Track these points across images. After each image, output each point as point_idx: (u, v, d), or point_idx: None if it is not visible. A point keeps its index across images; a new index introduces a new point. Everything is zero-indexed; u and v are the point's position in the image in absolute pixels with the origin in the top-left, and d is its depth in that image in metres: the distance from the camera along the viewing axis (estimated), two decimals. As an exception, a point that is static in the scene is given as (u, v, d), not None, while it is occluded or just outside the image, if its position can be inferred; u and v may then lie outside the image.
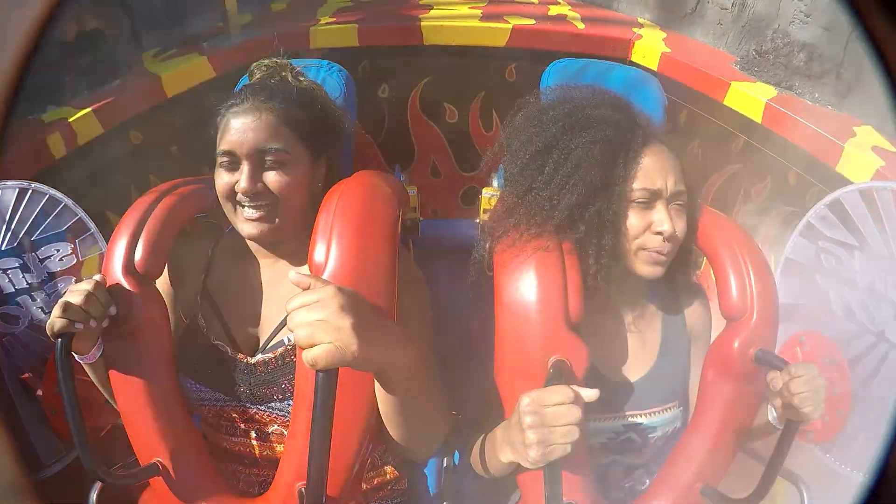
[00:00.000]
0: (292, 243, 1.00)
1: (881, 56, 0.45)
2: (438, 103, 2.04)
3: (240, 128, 0.91)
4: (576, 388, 0.75)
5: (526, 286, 0.88)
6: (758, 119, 1.54)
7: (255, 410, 0.96)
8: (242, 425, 0.98)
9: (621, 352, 1.01)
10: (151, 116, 1.59)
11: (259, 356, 0.95)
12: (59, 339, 0.82)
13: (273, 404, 0.94)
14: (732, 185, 1.70)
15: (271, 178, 0.91)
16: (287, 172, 0.92)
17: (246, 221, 0.92)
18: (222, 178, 0.92)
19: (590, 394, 0.75)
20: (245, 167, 0.90)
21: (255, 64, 1.06)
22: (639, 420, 0.98)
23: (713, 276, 1.03)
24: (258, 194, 0.90)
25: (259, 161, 0.91)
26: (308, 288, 0.69)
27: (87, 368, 0.94)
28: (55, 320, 0.81)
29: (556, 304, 0.87)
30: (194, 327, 1.00)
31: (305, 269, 0.91)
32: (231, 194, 0.92)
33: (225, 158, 0.92)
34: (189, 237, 1.09)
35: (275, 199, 0.91)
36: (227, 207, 0.94)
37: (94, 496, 0.96)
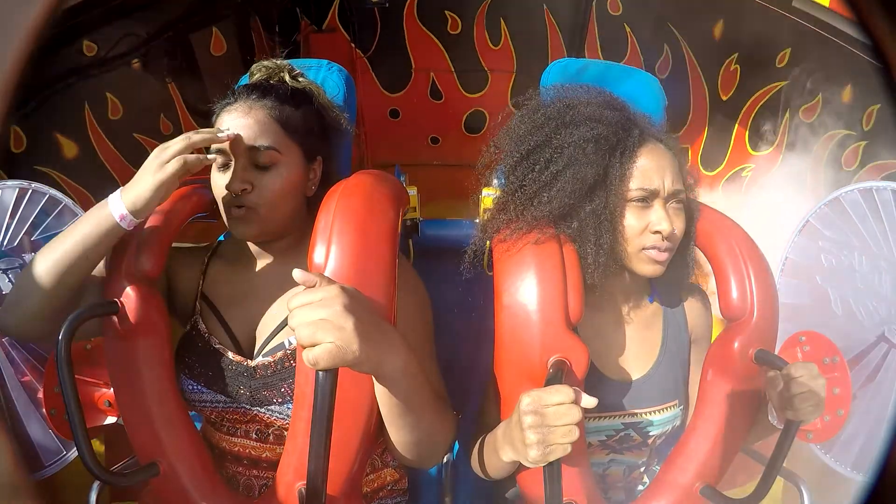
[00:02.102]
0: (289, 243, 1.00)
1: (881, 56, 0.45)
2: (439, 11, 1.88)
3: (231, 126, 0.92)
4: (575, 392, 0.75)
5: (526, 286, 0.88)
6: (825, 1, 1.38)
7: (255, 412, 0.96)
8: (243, 426, 0.98)
9: (622, 350, 1.01)
10: (107, 23, 1.45)
11: (259, 359, 0.95)
12: None
13: (273, 407, 0.94)
14: (777, 104, 1.60)
15: (261, 176, 0.92)
16: (278, 171, 0.92)
17: (235, 220, 0.92)
18: (216, 179, 0.93)
19: (588, 401, 0.75)
20: (234, 166, 0.91)
21: (254, 65, 1.06)
22: (639, 418, 0.98)
23: (713, 276, 1.03)
24: (248, 192, 0.91)
25: (249, 159, 0.91)
26: (313, 286, 0.69)
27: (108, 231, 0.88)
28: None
29: (556, 305, 0.87)
30: (195, 331, 1.00)
31: (303, 268, 0.91)
32: (224, 194, 0.92)
33: (218, 157, 0.92)
34: (187, 239, 1.09)
35: (263, 197, 0.92)
36: (221, 206, 0.94)
37: (94, 496, 0.96)
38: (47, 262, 0.85)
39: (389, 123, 2.26)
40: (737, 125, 1.77)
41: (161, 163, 0.85)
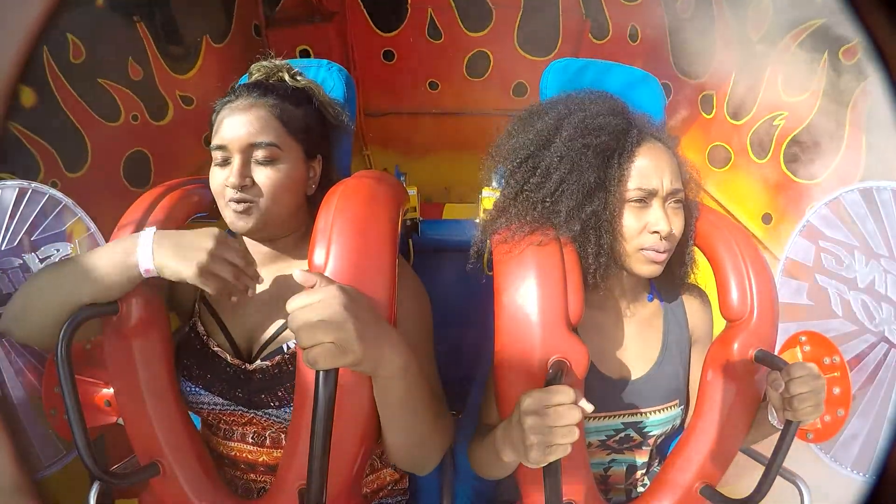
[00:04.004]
0: (289, 243, 0.99)
1: (881, 56, 0.45)
2: None
3: (232, 123, 0.92)
4: (575, 393, 0.75)
5: (526, 287, 0.88)
6: None
7: (252, 415, 0.96)
8: (239, 429, 0.98)
9: (622, 350, 1.01)
10: None
11: (257, 363, 0.95)
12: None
13: (270, 410, 0.94)
14: (813, 44, 1.45)
15: (261, 172, 0.92)
16: (277, 168, 0.92)
17: (234, 215, 0.92)
18: (216, 175, 0.93)
19: (585, 406, 0.75)
20: (235, 161, 0.91)
21: (253, 65, 1.07)
22: (639, 418, 0.98)
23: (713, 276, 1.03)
24: (247, 188, 0.91)
25: (250, 156, 0.92)
26: (313, 286, 0.69)
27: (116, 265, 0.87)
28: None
29: (557, 305, 0.87)
30: (193, 333, 1.00)
31: (303, 268, 0.91)
32: (223, 190, 0.92)
33: (218, 153, 0.92)
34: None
35: (262, 194, 0.92)
36: (220, 203, 0.94)
37: (93, 496, 0.96)
38: (59, 291, 0.85)
39: (383, 67, 2.10)
40: (769, 68, 1.62)
41: (214, 258, 0.84)
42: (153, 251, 0.83)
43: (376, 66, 2.10)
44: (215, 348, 0.97)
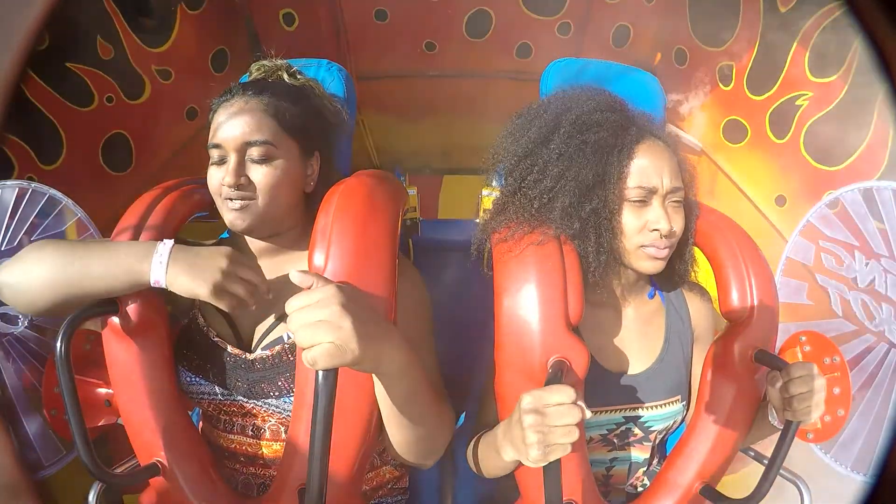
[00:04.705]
0: (288, 240, 1.00)
1: (881, 56, 0.45)
2: None
3: (227, 121, 0.92)
4: (576, 392, 0.75)
5: (526, 287, 0.88)
6: None
7: (251, 406, 0.96)
8: (239, 420, 0.98)
9: (624, 346, 1.01)
10: None
11: (257, 353, 0.95)
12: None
13: (270, 400, 0.95)
14: (848, 23, 1.43)
15: (256, 171, 0.92)
16: (273, 166, 0.93)
17: (231, 212, 0.93)
18: (212, 174, 0.94)
19: (586, 413, 0.75)
20: (231, 160, 0.91)
21: (253, 65, 1.07)
22: (640, 412, 0.98)
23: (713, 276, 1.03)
24: (243, 187, 0.91)
25: (245, 154, 0.92)
26: (310, 287, 0.69)
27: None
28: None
29: (556, 305, 0.87)
30: (194, 325, 1.00)
31: (303, 263, 0.91)
32: (220, 189, 0.93)
33: (214, 152, 0.93)
34: (188, 237, 1.08)
35: (258, 192, 0.92)
36: (217, 202, 0.95)
37: (93, 496, 0.96)
38: (60, 273, 0.85)
39: (375, 27, 1.93)
40: (795, 44, 1.51)
41: (228, 277, 0.86)
42: (168, 266, 0.85)
43: (368, 27, 1.95)
44: (215, 338, 0.98)
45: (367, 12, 1.93)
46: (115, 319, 0.89)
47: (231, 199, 0.92)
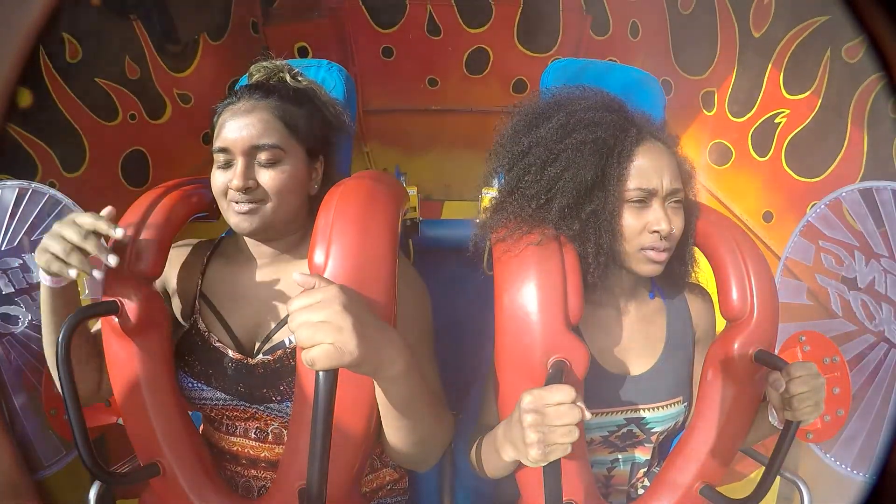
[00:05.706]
0: (290, 243, 1.00)
1: (881, 56, 0.45)
2: None
3: (234, 125, 0.92)
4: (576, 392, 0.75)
5: (526, 287, 0.88)
6: None
7: (253, 410, 0.96)
8: (241, 424, 0.98)
9: (625, 346, 1.01)
10: None
11: (258, 357, 0.95)
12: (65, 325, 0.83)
13: (272, 405, 0.95)
14: (816, 42, 1.43)
15: (265, 174, 0.92)
16: (281, 169, 0.93)
17: (237, 215, 0.92)
18: (218, 177, 0.93)
19: (585, 414, 0.75)
20: (238, 164, 0.91)
21: (253, 66, 1.07)
22: (642, 413, 0.98)
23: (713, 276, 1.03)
24: (251, 190, 0.91)
25: (253, 158, 0.92)
26: (312, 288, 0.69)
27: (45, 293, 0.89)
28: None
29: (556, 305, 0.87)
30: (194, 329, 1.00)
31: (303, 268, 0.91)
32: (226, 192, 0.92)
33: (220, 156, 0.93)
34: (187, 238, 1.09)
35: (267, 195, 0.92)
36: (222, 204, 0.94)
37: (93, 496, 0.96)
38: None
39: (382, 64, 2.07)
40: (770, 66, 1.61)
41: (50, 235, 0.82)
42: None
43: (375, 63, 2.10)
44: (216, 344, 0.97)
45: (375, 49, 2.06)
46: (115, 319, 0.89)
47: (237, 202, 0.91)
